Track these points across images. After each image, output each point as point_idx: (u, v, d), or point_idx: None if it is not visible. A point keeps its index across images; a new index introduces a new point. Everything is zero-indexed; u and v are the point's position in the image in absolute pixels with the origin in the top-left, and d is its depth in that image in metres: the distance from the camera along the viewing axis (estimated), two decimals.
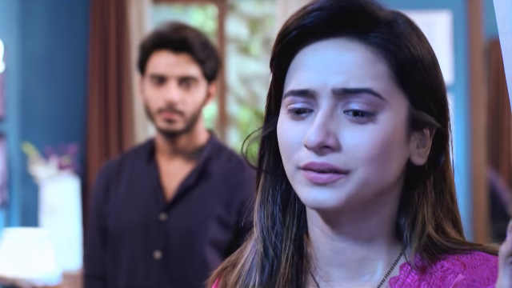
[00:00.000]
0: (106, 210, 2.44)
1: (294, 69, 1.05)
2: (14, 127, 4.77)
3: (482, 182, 5.00)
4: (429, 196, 1.07)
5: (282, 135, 1.05)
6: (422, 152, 1.06)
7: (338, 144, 1.01)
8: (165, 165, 2.44)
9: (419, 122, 1.05)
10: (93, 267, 2.45)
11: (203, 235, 2.33)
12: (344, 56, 1.02)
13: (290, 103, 1.04)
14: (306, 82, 1.03)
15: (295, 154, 1.03)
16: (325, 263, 1.08)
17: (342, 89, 1.01)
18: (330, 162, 1.00)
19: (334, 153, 1.01)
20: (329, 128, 1.01)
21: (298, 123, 1.03)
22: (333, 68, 1.02)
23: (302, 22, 1.03)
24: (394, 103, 1.02)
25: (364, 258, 1.06)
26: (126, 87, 5.08)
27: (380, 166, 1.01)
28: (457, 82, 4.97)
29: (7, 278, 4.01)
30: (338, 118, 1.02)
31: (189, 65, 2.37)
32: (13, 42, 4.75)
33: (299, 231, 1.10)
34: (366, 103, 1.01)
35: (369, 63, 1.02)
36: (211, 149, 2.44)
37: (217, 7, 5.44)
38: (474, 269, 1.03)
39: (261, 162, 1.11)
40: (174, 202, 2.38)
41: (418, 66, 1.04)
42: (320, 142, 1.00)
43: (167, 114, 2.36)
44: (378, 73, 1.02)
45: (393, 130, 1.02)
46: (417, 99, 1.04)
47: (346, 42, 1.03)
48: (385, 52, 1.02)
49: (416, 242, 1.04)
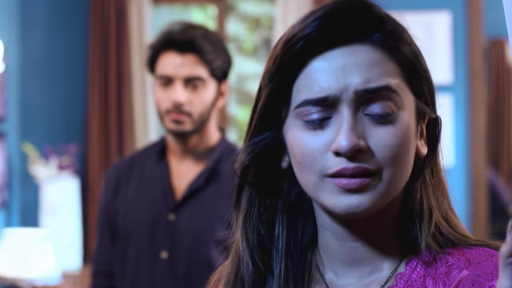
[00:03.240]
0: (116, 207, 2.43)
1: (305, 79, 1.04)
2: (14, 127, 4.77)
3: (481, 181, 5.00)
4: (429, 184, 1.08)
5: (301, 147, 1.04)
6: (423, 142, 1.08)
7: (367, 146, 1.02)
8: (175, 165, 2.43)
9: (422, 114, 1.07)
10: (101, 264, 2.45)
11: (210, 237, 2.32)
12: (357, 58, 1.03)
13: (306, 114, 1.03)
14: (324, 88, 1.03)
15: (319, 163, 1.03)
16: (333, 262, 1.09)
17: (363, 89, 1.02)
18: (363, 164, 1.01)
19: (366, 155, 1.01)
20: (357, 131, 1.02)
21: (316, 132, 1.03)
22: (350, 71, 1.02)
23: (307, 32, 1.03)
24: (406, 99, 1.04)
25: (373, 256, 1.07)
26: (126, 87, 5.08)
27: (403, 163, 1.03)
28: (457, 82, 4.97)
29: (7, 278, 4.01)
30: (362, 120, 1.02)
31: (195, 65, 2.35)
32: (13, 42, 4.75)
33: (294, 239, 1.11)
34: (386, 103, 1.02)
35: (382, 61, 1.03)
36: (222, 149, 2.42)
37: (217, 7, 5.44)
38: (478, 264, 1.04)
39: (245, 175, 1.10)
40: (183, 203, 2.37)
41: (418, 61, 1.06)
42: (353, 146, 1.00)
43: (174, 115, 2.35)
44: (391, 69, 1.04)
45: (409, 126, 1.04)
46: (419, 92, 1.06)
47: (355, 46, 1.03)
48: (391, 50, 1.04)
49: (426, 231, 1.05)
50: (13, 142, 4.73)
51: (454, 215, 1.10)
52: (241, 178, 1.11)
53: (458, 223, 1.10)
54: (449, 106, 4.93)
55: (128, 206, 2.42)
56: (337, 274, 1.09)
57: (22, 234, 4.10)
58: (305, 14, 1.06)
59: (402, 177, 1.03)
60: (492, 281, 1.01)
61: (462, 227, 1.10)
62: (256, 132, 1.09)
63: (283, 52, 1.05)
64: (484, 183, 5.01)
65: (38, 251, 4.03)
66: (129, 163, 2.49)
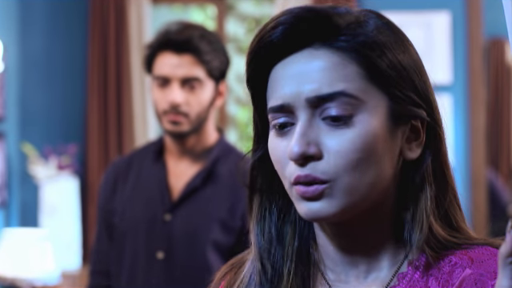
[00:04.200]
0: (113, 206, 2.43)
1: (270, 86, 1.06)
2: (13, 127, 4.77)
3: (481, 182, 5.00)
4: (427, 189, 1.06)
5: (272, 153, 1.05)
6: (414, 146, 1.06)
7: (320, 152, 1.01)
8: (173, 165, 2.43)
9: (403, 116, 1.04)
10: (99, 263, 2.45)
11: (206, 237, 2.32)
12: (312, 64, 1.02)
13: (273, 120, 1.05)
14: (280, 96, 1.03)
15: (286, 170, 1.03)
16: (334, 264, 1.09)
17: (315, 97, 1.01)
18: (313, 173, 1.01)
19: (317, 162, 1.01)
20: (309, 138, 1.01)
21: (282, 139, 1.04)
22: (303, 78, 1.02)
23: (268, 39, 1.03)
24: (371, 102, 1.02)
25: (371, 257, 1.07)
26: (125, 87, 5.08)
27: (367, 169, 1.01)
28: (456, 82, 4.97)
29: (7, 278, 4.01)
30: (317, 126, 1.02)
31: (192, 66, 2.34)
32: (12, 42, 4.75)
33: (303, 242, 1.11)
34: (342, 107, 1.01)
35: (338, 66, 1.02)
36: (220, 150, 2.42)
37: (216, 7, 5.44)
38: (481, 263, 1.04)
39: (253, 184, 1.11)
40: (180, 203, 2.37)
41: (392, 64, 1.03)
42: (301, 152, 1.00)
43: (172, 115, 2.34)
44: (349, 74, 1.02)
45: (374, 130, 1.01)
46: (395, 93, 1.03)
47: (313, 51, 1.03)
48: (352, 53, 1.02)
49: (416, 237, 1.04)
50: (12, 141, 4.73)
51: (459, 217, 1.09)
52: (250, 187, 1.12)
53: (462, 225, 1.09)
54: (448, 105, 4.93)
55: (125, 206, 2.42)
56: (336, 273, 1.09)
57: (22, 233, 4.10)
58: (266, 22, 1.06)
59: (366, 183, 1.01)
60: (495, 280, 1.01)
61: (467, 229, 1.10)
62: (257, 140, 1.11)
63: (248, 63, 1.06)
64: (483, 183, 5.01)
65: (37, 251, 4.03)
66: (127, 162, 2.49)
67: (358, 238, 1.06)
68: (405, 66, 1.04)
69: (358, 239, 1.06)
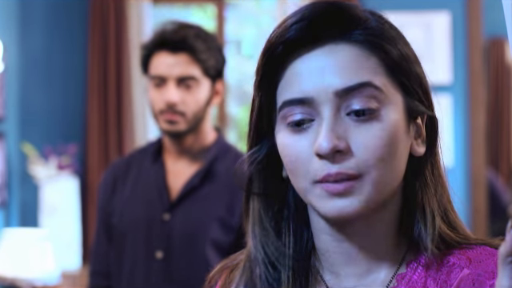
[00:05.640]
0: (112, 207, 2.44)
1: (286, 81, 1.04)
2: (13, 127, 4.77)
3: (481, 182, 5.00)
4: (430, 185, 1.07)
5: (287, 152, 1.03)
6: (420, 141, 1.07)
7: (348, 147, 1.00)
8: (171, 164, 2.43)
9: (414, 112, 1.05)
10: (98, 264, 2.46)
11: (205, 236, 2.32)
12: (335, 58, 1.02)
13: (288, 115, 1.03)
14: (302, 90, 1.02)
15: (307, 168, 1.02)
16: (332, 264, 1.08)
17: (343, 89, 1.01)
18: (344, 170, 1.00)
19: (347, 158, 1.00)
20: (337, 133, 1.00)
21: (301, 136, 1.02)
22: (327, 72, 1.02)
23: (286, 35, 1.03)
24: (392, 96, 1.03)
25: (370, 256, 1.07)
26: (125, 87, 5.08)
27: (391, 164, 1.01)
28: (456, 82, 4.97)
29: (7, 278, 4.01)
30: (343, 121, 1.01)
31: (188, 65, 2.34)
32: (12, 42, 4.75)
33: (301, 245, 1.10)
34: (367, 99, 1.01)
35: (361, 58, 1.02)
36: (218, 149, 2.42)
37: (216, 7, 5.44)
38: (479, 263, 1.04)
39: (250, 185, 1.10)
40: (178, 202, 2.37)
41: (404, 57, 1.04)
42: (333, 147, 0.99)
43: (168, 115, 2.34)
44: (373, 66, 1.02)
45: (396, 125, 1.02)
46: (408, 89, 1.04)
47: (333, 46, 1.03)
48: (372, 47, 1.03)
49: (431, 235, 1.04)
50: (12, 141, 4.73)
51: (454, 214, 1.09)
52: (246, 190, 1.11)
53: (458, 222, 1.09)
54: (448, 105, 4.93)
55: (124, 206, 2.42)
56: (336, 275, 1.08)
57: (22, 233, 4.10)
58: (283, 18, 1.05)
59: (390, 178, 1.02)
60: (493, 279, 1.01)
61: (463, 226, 1.10)
62: (254, 141, 1.09)
63: (264, 60, 1.06)
64: (483, 183, 5.01)
65: (37, 251, 4.03)
66: (126, 163, 2.50)
67: (362, 239, 1.06)
68: (412, 60, 1.05)
69: (362, 241, 1.06)
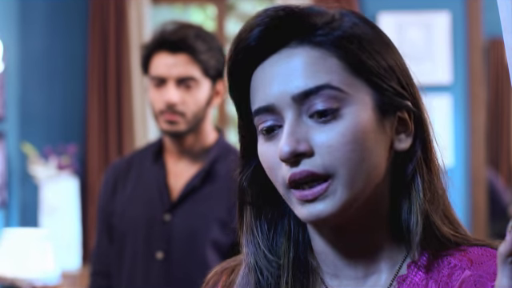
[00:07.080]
0: (113, 207, 2.44)
1: (253, 91, 1.05)
2: (13, 127, 4.77)
3: (481, 182, 5.00)
4: (419, 180, 1.05)
5: (263, 160, 1.04)
6: (404, 136, 1.05)
7: (311, 149, 1.00)
8: (172, 165, 2.43)
9: (389, 107, 1.03)
10: (99, 264, 2.46)
11: (205, 237, 2.32)
12: (293, 62, 1.02)
13: (259, 123, 1.03)
14: (265, 98, 1.02)
15: (280, 175, 1.02)
16: (333, 269, 1.08)
17: (301, 93, 1.00)
18: (307, 167, 1.00)
19: (310, 158, 1.00)
20: (298, 136, 1.00)
21: (271, 143, 1.03)
22: (286, 77, 1.01)
23: (245, 43, 1.03)
24: (356, 94, 1.01)
25: (370, 259, 1.06)
26: (125, 87, 5.08)
27: (362, 162, 1.00)
28: (456, 82, 4.97)
29: (7, 278, 4.01)
30: (305, 124, 1.01)
31: (188, 65, 2.34)
32: (12, 41, 4.75)
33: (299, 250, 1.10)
34: (328, 100, 1.00)
35: (319, 60, 1.01)
36: (218, 150, 2.41)
37: (216, 7, 5.44)
38: (480, 265, 1.03)
39: (242, 195, 1.11)
40: (179, 203, 2.37)
41: (368, 52, 1.02)
42: (291, 151, 0.99)
43: (168, 115, 2.34)
44: (331, 66, 1.01)
45: (362, 122, 1.00)
46: (378, 84, 1.03)
47: (291, 50, 1.02)
48: (331, 47, 1.02)
49: (417, 236, 1.03)
50: (12, 141, 4.74)
51: (452, 214, 1.09)
52: (239, 200, 1.11)
53: (457, 222, 1.09)
54: (448, 105, 4.93)
55: (124, 207, 2.42)
56: (335, 277, 1.08)
57: (22, 233, 4.10)
58: (240, 27, 1.05)
59: (364, 176, 1.01)
60: (494, 281, 1.00)
61: (462, 226, 1.09)
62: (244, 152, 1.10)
63: (229, 70, 1.06)
64: (483, 183, 5.01)
65: (37, 251, 4.03)
66: (126, 163, 2.50)
67: (355, 240, 1.05)
68: (385, 58, 1.03)
69: (355, 242, 1.06)
